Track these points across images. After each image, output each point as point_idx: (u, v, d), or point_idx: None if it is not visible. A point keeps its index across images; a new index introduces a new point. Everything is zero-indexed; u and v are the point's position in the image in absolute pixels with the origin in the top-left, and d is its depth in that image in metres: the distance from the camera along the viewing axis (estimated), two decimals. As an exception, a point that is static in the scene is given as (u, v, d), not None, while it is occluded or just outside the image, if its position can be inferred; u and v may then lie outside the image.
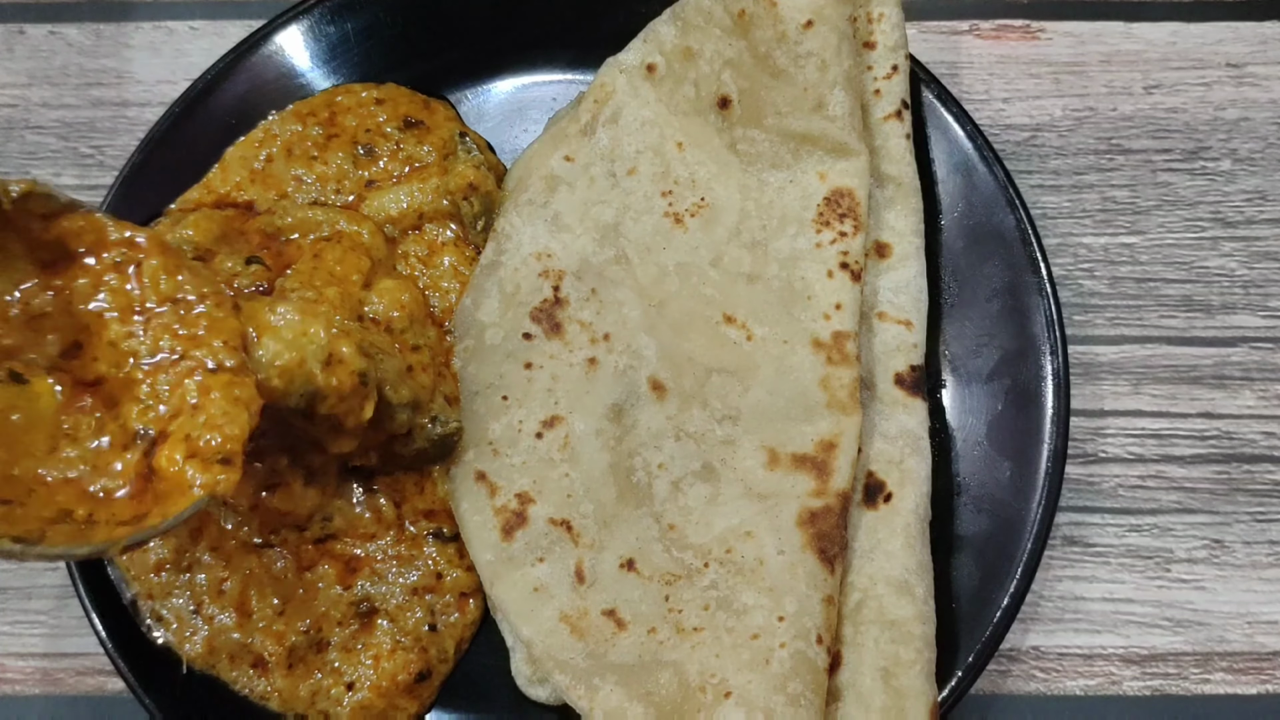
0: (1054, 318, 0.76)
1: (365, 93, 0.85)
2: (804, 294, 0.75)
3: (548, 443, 0.74)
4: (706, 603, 0.69)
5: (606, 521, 0.72)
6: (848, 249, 0.76)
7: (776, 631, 0.66)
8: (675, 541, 0.71)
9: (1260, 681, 0.77)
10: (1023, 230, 0.78)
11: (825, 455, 0.71)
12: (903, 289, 0.77)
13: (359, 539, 0.74)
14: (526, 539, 0.72)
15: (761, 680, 0.65)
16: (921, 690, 0.66)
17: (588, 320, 0.76)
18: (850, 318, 0.74)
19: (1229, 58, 0.93)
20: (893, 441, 0.74)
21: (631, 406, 0.74)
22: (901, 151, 0.79)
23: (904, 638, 0.68)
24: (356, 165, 0.83)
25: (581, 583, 0.70)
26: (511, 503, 0.72)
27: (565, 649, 0.68)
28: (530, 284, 0.77)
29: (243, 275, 0.75)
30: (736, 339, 0.75)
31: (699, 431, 0.73)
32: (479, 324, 0.77)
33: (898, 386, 0.75)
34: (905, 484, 0.72)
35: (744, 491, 0.71)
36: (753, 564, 0.69)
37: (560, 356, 0.76)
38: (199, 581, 0.72)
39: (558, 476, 0.73)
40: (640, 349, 0.75)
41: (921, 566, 0.70)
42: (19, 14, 0.96)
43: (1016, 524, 0.72)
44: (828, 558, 0.68)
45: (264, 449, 0.70)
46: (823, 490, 0.70)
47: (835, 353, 0.74)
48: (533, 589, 0.70)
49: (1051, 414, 0.74)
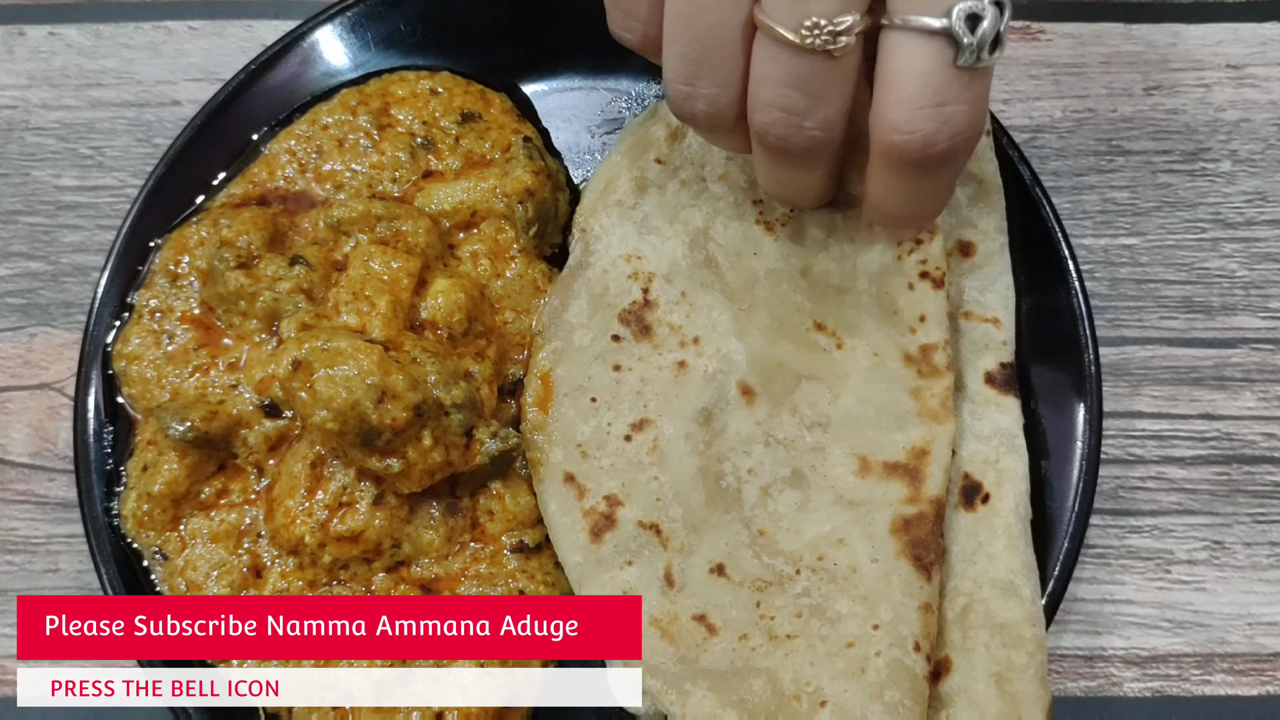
0: (1084, 315, 0.76)
1: (421, 82, 0.83)
2: (891, 309, 0.75)
3: (636, 445, 0.73)
4: (799, 610, 0.68)
5: (695, 526, 0.71)
6: (926, 256, 0.75)
7: (872, 640, 0.66)
8: (765, 548, 0.70)
9: (1261, 683, 0.77)
10: (1050, 229, 0.78)
11: (918, 462, 0.71)
12: (989, 287, 0.77)
13: (435, 559, 0.73)
14: (615, 541, 0.71)
15: (858, 689, 0.65)
16: (1037, 695, 0.66)
17: (677, 323, 0.76)
18: (936, 328, 0.73)
19: (1229, 59, 0.93)
20: (987, 441, 0.73)
21: (721, 411, 0.74)
22: (982, 148, 0.79)
23: (1015, 641, 0.67)
24: (414, 157, 0.81)
25: (671, 587, 0.70)
26: (600, 505, 0.72)
27: (656, 653, 0.68)
28: (619, 285, 0.77)
29: (285, 279, 0.74)
30: (826, 346, 0.75)
31: (788, 438, 0.73)
32: (567, 325, 0.77)
33: (989, 385, 0.74)
34: (1003, 483, 0.72)
35: (835, 499, 0.71)
36: (846, 572, 0.68)
37: (649, 359, 0.75)
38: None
39: (646, 479, 0.72)
40: (730, 353, 0.74)
41: (1026, 566, 0.70)
42: (19, 15, 0.96)
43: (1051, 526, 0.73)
44: (923, 565, 0.68)
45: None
46: (915, 497, 0.70)
47: (925, 365, 0.73)
48: (622, 592, 0.70)
49: (1085, 413, 0.74)
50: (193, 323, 0.77)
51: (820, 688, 0.66)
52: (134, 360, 0.77)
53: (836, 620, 0.67)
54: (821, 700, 0.65)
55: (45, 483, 0.83)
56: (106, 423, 0.76)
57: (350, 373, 0.66)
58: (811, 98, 0.60)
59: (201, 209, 0.81)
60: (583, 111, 0.86)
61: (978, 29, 0.56)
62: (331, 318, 0.72)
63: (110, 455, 0.75)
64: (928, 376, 0.73)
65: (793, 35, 0.57)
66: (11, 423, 0.84)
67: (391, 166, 0.81)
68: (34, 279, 0.88)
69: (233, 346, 0.76)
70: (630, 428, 0.74)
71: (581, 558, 0.72)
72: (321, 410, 0.66)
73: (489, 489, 0.74)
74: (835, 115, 0.62)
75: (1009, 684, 0.67)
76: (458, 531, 0.73)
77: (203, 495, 0.74)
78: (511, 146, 0.81)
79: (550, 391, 0.76)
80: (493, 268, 0.79)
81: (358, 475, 0.71)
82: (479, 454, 0.71)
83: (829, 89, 0.60)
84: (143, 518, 0.73)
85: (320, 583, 0.72)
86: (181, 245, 0.79)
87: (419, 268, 0.75)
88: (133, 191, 0.84)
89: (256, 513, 0.73)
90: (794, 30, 0.57)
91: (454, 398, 0.70)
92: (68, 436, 0.82)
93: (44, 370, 0.86)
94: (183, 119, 0.84)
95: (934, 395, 0.72)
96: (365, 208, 0.76)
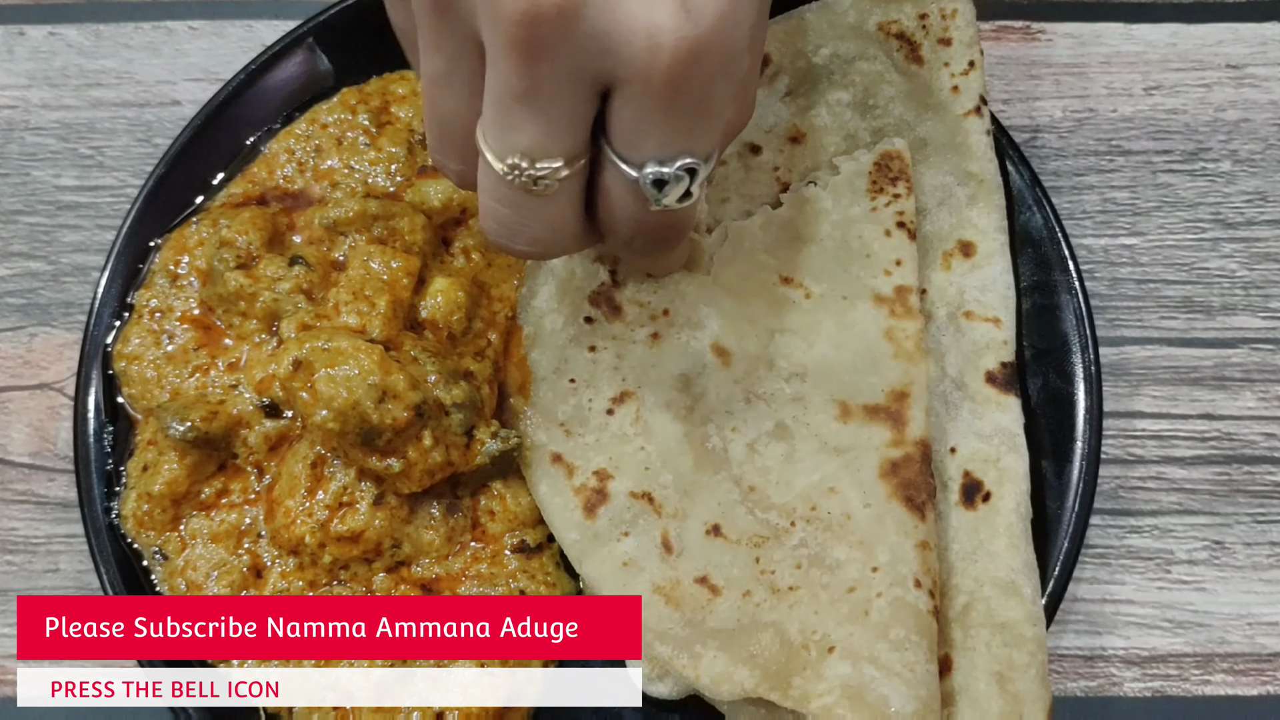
0: (1084, 314, 0.76)
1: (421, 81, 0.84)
2: (861, 252, 0.76)
3: (619, 418, 0.74)
4: (798, 561, 0.69)
5: (687, 490, 0.72)
6: (903, 209, 0.76)
7: (872, 582, 0.67)
8: (758, 503, 0.71)
9: (1261, 683, 0.77)
10: (1050, 228, 0.78)
11: (898, 405, 0.72)
12: (989, 287, 0.77)
13: (436, 559, 0.73)
14: (610, 515, 0.72)
15: (863, 631, 0.66)
16: (1038, 694, 0.67)
17: (645, 300, 0.77)
18: (911, 273, 0.75)
19: (1229, 59, 0.93)
20: (988, 440, 0.73)
21: (699, 375, 0.75)
22: (983, 148, 0.79)
23: (1016, 640, 0.68)
24: (411, 153, 0.81)
25: (670, 553, 0.71)
26: (590, 480, 0.73)
27: (663, 620, 0.69)
28: (585, 269, 0.78)
29: (285, 279, 0.74)
30: (796, 298, 0.76)
31: (768, 392, 0.74)
32: (536, 311, 0.78)
33: (990, 384, 0.75)
34: (1004, 482, 0.72)
35: (820, 446, 0.72)
36: (840, 519, 0.70)
37: (622, 336, 0.76)
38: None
39: (633, 450, 0.73)
40: (701, 319, 0.76)
41: (1027, 566, 0.70)
42: (19, 15, 0.96)
43: (1051, 525, 0.73)
44: (916, 505, 0.69)
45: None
46: (900, 440, 0.71)
47: (898, 306, 0.74)
48: (622, 564, 0.71)
49: (1085, 413, 0.75)
50: (193, 323, 0.77)
51: (827, 634, 0.66)
52: (134, 360, 0.77)
53: (836, 567, 0.68)
54: (829, 646, 0.66)
55: (45, 483, 0.83)
56: (106, 423, 0.76)
57: (351, 372, 0.66)
58: (520, 220, 0.58)
59: (201, 209, 0.81)
60: None
61: (664, 190, 0.55)
62: (331, 318, 0.72)
63: (110, 455, 0.75)
64: (900, 318, 0.74)
65: (498, 166, 0.54)
66: (11, 423, 0.84)
67: (388, 161, 0.81)
68: (34, 279, 0.88)
69: (233, 347, 0.76)
70: (611, 402, 0.74)
71: (578, 534, 0.72)
72: (322, 410, 0.66)
73: (489, 489, 0.74)
74: (547, 233, 0.59)
75: (1010, 683, 0.67)
76: (458, 531, 0.73)
77: (203, 495, 0.74)
78: None
79: (528, 376, 0.76)
80: (483, 259, 0.79)
81: (358, 475, 0.71)
82: (479, 454, 0.71)
83: (537, 217, 0.58)
84: (143, 518, 0.73)
85: (320, 583, 0.72)
86: (181, 245, 0.79)
87: (418, 267, 0.75)
88: (133, 191, 0.84)
89: (256, 513, 0.73)
90: (499, 161, 0.54)
91: (454, 397, 0.70)
92: (68, 436, 0.82)
93: (44, 370, 0.86)
94: (183, 119, 0.84)
95: (908, 336, 0.73)
96: (361, 207, 0.76)
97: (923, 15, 0.81)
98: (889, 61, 0.81)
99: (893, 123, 0.80)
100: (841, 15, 0.82)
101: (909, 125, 0.80)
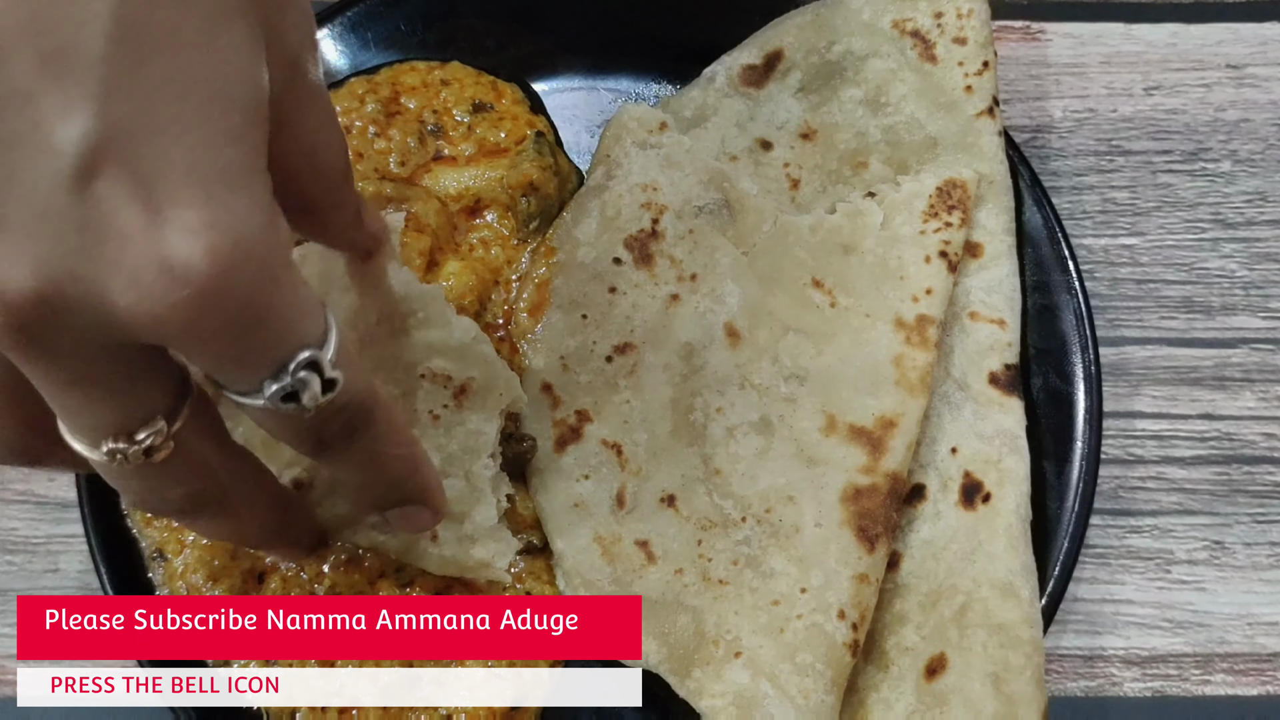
0: (1084, 314, 0.76)
1: (433, 72, 0.84)
2: (897, 273, 0.76)
3: (616, 367, 0.75)
4: (736, 558, 0.70)
5: (656, 453, 0.73)
6: (950, 239, 0.76)
7: (796, 603, 0.68)
8: (718, 487, 0.72)
9: (1261, 683, 0.77)
10: (1050, 228, 0.78)
11: (883, 432, 0.72)
12: (995, 288, 0.77)
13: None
14: (577, 454, 0.73)
15: (773, 646, 0.67)
16: (1033, 697, 0.66)
17: (679, 257, 0.77)
18: (939, 305, 0.74)
19: (1229, 59, 0.93)
20: (989, 441, 0.73)
21: (704, 348, 0.75)
22: (994, 149, 0.79)
23: (1013, 642, 0.68)
24: (422, 142, 0.81)
25: (621, 508, 0.72)
26: (570, 418, 0.74)
27: (593, 569, 0.70)
28: (631, 212, 0.79)
29: None
30: (820, 303, 0.76)
31: (764, 384, 0.74)
32: (573, 240, 0.79)
33: (993, 386, 0.75)
34: (1004, 484, 0.72)
35: (795, 452, 0.72)
36: (789, 530, 0.70)
37: (644, 287, 0.77)
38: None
39: (619, 401, 0.74)
40: (724, 295, 0.76)
41: (1025, 568, 0.70)
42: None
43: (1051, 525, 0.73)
44: (868, 536, 0.69)
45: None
46: (872, 468, 0.71)
47: (915, 335, 0.74)
48: (574, 504, 0.72)
49: (1085, 413, 0.75)
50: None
51: (739, 638, 0.67)
52: (135, 359, 0.76)
53: (769, 576, 0.69)
54: (737, 651, 0.67)
55: (45, 483, 0.83)
56: (107, 421, 0.76)
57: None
58: (162, 484, 0.50)
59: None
60: (583, 111, 0.86)
61: (302, 397, 0.45)
62: None
63: (111, 454, 0.75)
64: (915, 346, 0.73)
65: (97, 458, 0.46)
66: (12, 422, 0.84)
67: (400, 150, 0.81)
68: (35, 279, 0.88)
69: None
70: (614, 349, 0.75)
71: (544, 464, 0.73)
72: None
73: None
74: (200, 483, 0.52)
75: (1005, 685, 0.67)
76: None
77: (204, 495, 0.73)
78: (525, 139, 0.81)
79: (545, 299, 0.77)
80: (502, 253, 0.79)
81: None
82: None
83: (178, 478, 0.50)
84: (143, 518, 0.73)
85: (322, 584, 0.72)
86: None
87: (429, 246, 0.75)
88: (135, 191, 0.84)
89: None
90: (95, 452, 0.46)
91: None
92: (68, 436, 0.82)
93: (45, 370, 0.86)
94: (187, 116, 0.84)
95: (915, 367, 0.73)
96: (376, 189, 0.76)
97: (938, 14, 0.81)
98: (902, 59, 0.81)
99: (904, 121, 0.80)
100: (856, 12, 0.82)
101: (920, 124, 0.80)
